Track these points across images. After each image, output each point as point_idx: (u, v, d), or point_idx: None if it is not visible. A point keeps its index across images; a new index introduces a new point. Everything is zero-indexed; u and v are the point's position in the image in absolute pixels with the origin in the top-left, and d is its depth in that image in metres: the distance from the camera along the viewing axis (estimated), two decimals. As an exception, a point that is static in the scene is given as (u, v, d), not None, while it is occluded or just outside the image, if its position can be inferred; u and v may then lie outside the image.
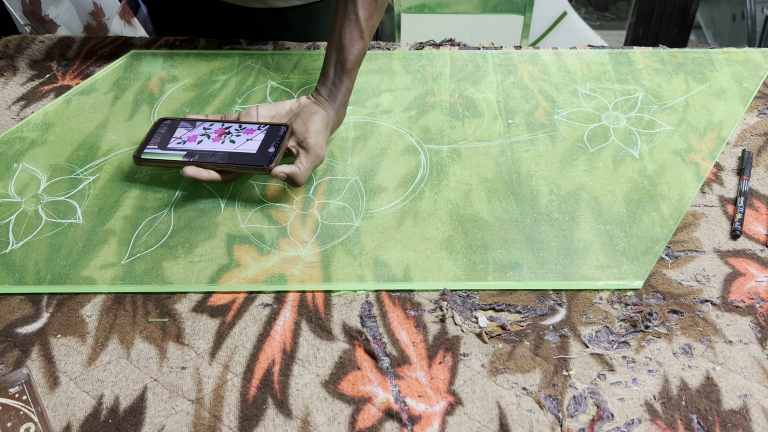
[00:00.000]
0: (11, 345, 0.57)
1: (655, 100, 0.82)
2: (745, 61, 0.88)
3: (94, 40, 0.96)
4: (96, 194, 0.71)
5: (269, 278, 0.62)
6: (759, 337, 0.56)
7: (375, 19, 0.73)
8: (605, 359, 0.55)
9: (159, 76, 0.88)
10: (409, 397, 0.53)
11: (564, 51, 0.91)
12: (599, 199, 0.69)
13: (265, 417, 0.52)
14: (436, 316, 0.59)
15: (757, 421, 0.50)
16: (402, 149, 0.76)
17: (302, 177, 0.66)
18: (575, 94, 0.83)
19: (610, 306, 0.59)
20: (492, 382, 0.54)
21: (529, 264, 0.63)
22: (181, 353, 0.56)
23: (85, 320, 0.59)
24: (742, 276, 0.61)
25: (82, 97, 0.85)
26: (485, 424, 0.51)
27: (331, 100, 0.74)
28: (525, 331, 0.57)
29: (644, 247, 0.64)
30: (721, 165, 0.73)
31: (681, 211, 0.67)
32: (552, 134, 0.77)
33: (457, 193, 0.70)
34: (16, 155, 0.76)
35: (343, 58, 0.73)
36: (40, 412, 0.51)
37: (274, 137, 0.70)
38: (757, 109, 0.80)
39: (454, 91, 0.84)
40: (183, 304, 0.60)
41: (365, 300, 0.60)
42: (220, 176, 0.68)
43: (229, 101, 0.83)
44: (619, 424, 0.51)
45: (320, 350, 0.56)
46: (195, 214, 0.68)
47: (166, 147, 0.70)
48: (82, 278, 0.62)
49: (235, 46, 0.94)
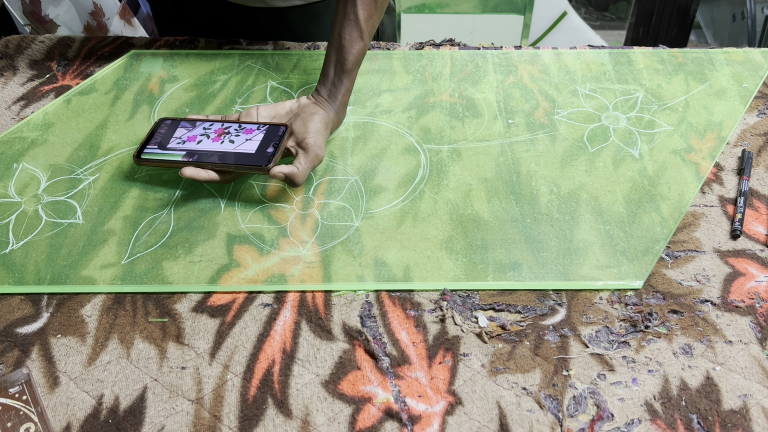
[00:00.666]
0: (11, 345, 0.57)
1: (655, 100, 0.82)
2: (745, 61, 0.88)
3: (94, 40, 0.96)
4: (96, 194, 0.71)
5: (269, 278, 0.62)
6: (759, 337, 0.56)
7: (375, 19, 0.73)
8: (605, 359, 0.55)
9: (159, 76, 0.88)
10: (409, 397, 0.53)
11: (564, 51, 0.91)
12: (599, 199, 0.69)
13: (265, 417, 0.52)
14: (436, 316, 0.59)
15: (757, 421, 0.50)
16: (402, 149, 0.76)
17: (300, 177, 0.66)
18: (575, 94, 0.83)
19: (610, 306, 0.59)
20: (492, 382, 0.54)
21: (529, 264, 0.63)
22: (181, 353, 0.56)
23: (85, 320, 0.59)
24: (742, 276, 0.61)
25: (82, 97, 0.85)
26: (485, 424, 0.51)
27: (331, 101, 0.74)
28: (525, 331, 0.57)
29: (644, 247, 0.64)
30: (721, 165, 0.73)
31: (681, 211, 0.67)
32: (552, 134, 0.77)
33: (457, 193, 0.70)
34: (16, 155, 0.76)
35: (342, 58, 0.73)
36: (40, 412, 0.51)
37: (273, 137, 0.70)
38: (757, 109, 0.80)
39: (454, 91, 0.84)
40: (183, 304, 0.60)
41: (365, 300, 0.60)
42: (219, 176, 0.68)
43: (229, 101, 0.83)
44: (619, 424, 0.51)
45: (320, 350, 0.56)
46: (195, 214, 0.68)
47: (166, 147, 0.70)
48: (82, 278, 0.62)
49: (235, 46, 0.94)
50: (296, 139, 0.70)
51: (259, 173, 0.68)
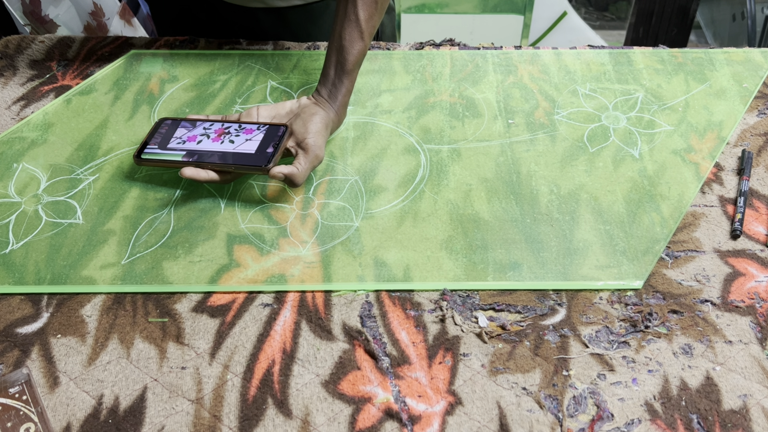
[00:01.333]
0: (11, 345, 0.57)
1: (655, 100, 0.82)
2: (745, 61, 0.88)
3: (94, 40, 0.96)
4: (96, 194, 0.71)
5: (269, 278, 0.62)
6: (759, 337, 0.56)
7: (375, 19, 0.73)
8: (605, 359, 0.55)
9: (159, 76, 0.88)
10: (409, 397, 0.53)
11: (564, 51, 0.91)
12: (599, 199, 0.69)
13: (265, 417, 0.52)
14: (436, 316, 0.59)
15: (757, 421, 0.50)
16: (402, 149, 0.76)
17: (300, 177, 0.66)
18: (575, 94, 0.83)
19: (610, 306, 0.59)
20: (492, 382, 0.54)
21: (529, 264, 0.63)
22: (181, 353, 0.56)
23: (85, 320, 0.59)
24: (742, 276, 0.61)
25: (82, 97, 0.85)
26: (485, 424, 0.51)
27: (331, 101, 0.74)
28: (525, 331, 0.57)
29: (644, 247, 0.64)
30: (721, 165, 0.73)
31: (681, 211, 0.67)
32: (552, 134, 0.77)
33: (457, 193, 0.70)
34: (16, 155, 0.76)
35: (343, 58, 0.73)
36: (40, 412, 0.51)
37: (272, 137, 0.70)
38: (757, 109, 0.80)
39: (454, 91, 0.84)
40: (183, 304, 0.60)
41: (365, 300, 0.60)
42: (218, 176, 0.68)
43: (229, 101, 0.83)
44: (619, 424, 0.51)
45: (320, 350, 0.56)
46: (195, 214, 0.68)
47: (166, 147, 0.70)
48: (82, 278, 0.62)
49: (235, 46, 0.94)
50: (296, 139, 0.70)
51: (259, 173, 0.68)
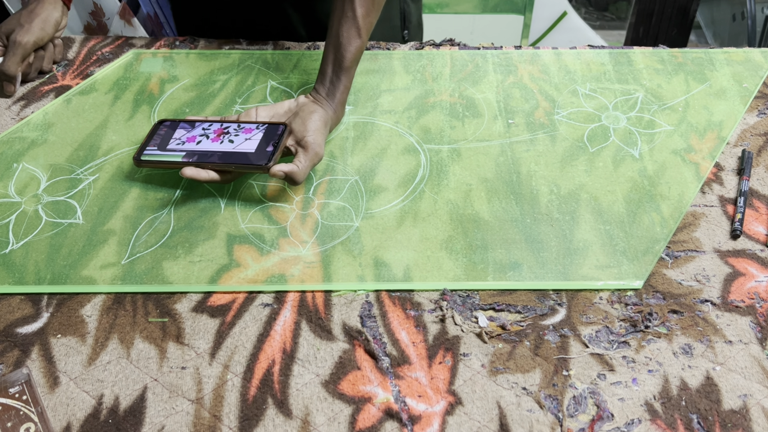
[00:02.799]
0: (11, 345, 0.57)
1: (655, 100, 0.82)
2: (745, 61, 0.88)
3: (94, 40, 0.96)
4: (96, 194, 0.71)
5: (269, 278, 0.62)
6: (759, 337, 0.56)
7: (373, 16, 0.73)
8: (605, 359, 0.55)
9: (159, 76, 0.88)
10: (409, 397, 0.53)
11: (564, 51, 0.91)
12: (599, 199, 0.69)
13: (265, 417, 0.52)
14: (436, 316, 0.59)
15: (757, 421, 0.50)
16: (402, 149, 0.76)
17: (300, 175, 0.66)
18: (575, 94, 0.83)
19: (610, 306, 0.59)
20: (492, 382, 0.54)
21: (529, 264, 0.63)
22: (181, 353, 0.56)
23: (85, 320, 0.59)
24: (742, 276, 0.61)
25: (82, 97, 0.85)
26: (485, 424, 0.51)
27: (330, 99, 0.74)
28: (525, 331, 0.57)
29: (644, 247, 0.64)
30: (721, 165, 0.73)
31: (681, 211, 0.67)
32: (552, 134, 0.77)
33: (457, 193, 0.70)
34: (16, 155, 0.76)
35: (340, 55, 0.73)
36: (40, 412, 0.51)
37: (272, 136, 0.70)
38: (757, 109, 0.80)
39: (454, 91, 0.84)
40: (183, 304, 0.60)
41: (365, 300, 0.60)
42: (219, 176, 0.68)
43: (229, 101, 0.83)
44: (619, 424, 0.51)
45: (320, 350, 0.56)
46: (195, 214, 0.68)
47: (166, 148, 0.70)
48: (82, 278, 0.62)
49: (235, 46, 0.94)
50: (295, 137, 0.70)
51: (259, 172, 0.68)
